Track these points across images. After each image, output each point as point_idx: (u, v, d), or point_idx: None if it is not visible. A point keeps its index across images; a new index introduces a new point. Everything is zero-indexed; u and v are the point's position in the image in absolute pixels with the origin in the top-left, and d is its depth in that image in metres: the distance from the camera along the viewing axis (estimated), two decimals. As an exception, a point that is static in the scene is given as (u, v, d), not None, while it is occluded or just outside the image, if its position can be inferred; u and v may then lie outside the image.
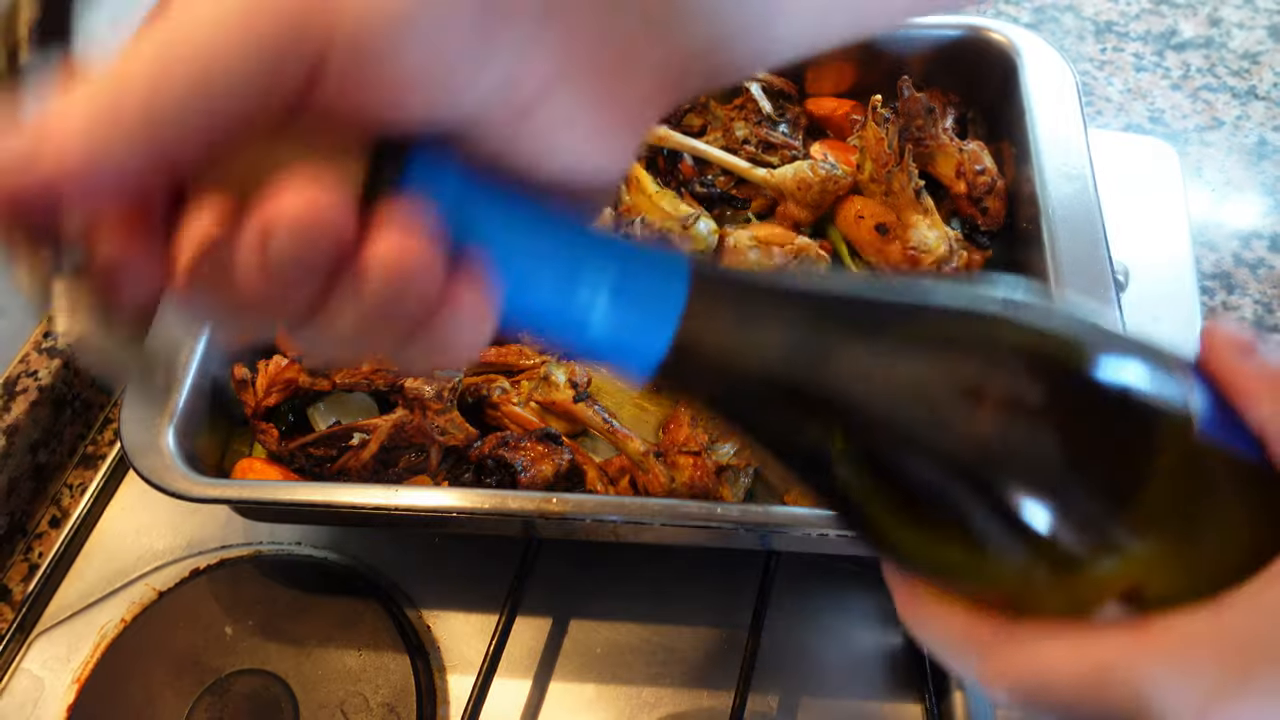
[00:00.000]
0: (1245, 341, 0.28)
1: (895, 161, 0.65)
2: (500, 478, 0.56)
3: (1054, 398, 0.26)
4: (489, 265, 0.24)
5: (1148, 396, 0.26)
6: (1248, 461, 0.27)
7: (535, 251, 0.25)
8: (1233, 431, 0.27)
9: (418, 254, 0.23)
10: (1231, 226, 0.76)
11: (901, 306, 0.27)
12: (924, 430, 0.25)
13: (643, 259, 0.26)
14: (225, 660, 0.58)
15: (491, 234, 0.25)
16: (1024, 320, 0.27)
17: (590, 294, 0.25)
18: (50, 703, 0.57)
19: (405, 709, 0.56)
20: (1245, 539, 0.27)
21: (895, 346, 0.26)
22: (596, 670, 0.57)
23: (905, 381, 0.26)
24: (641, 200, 0.68)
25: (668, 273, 0.26)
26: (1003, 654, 0.26)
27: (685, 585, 0.60)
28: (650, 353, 0.26)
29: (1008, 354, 0.26)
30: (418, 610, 0.60)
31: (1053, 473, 0.25)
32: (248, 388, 0.60)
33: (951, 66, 0.71)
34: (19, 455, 0.64)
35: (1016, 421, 0.25)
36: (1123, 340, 0.27)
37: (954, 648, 0.28)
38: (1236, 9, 0.91)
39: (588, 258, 0.25)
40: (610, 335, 0.25)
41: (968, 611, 0.28)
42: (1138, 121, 0.83)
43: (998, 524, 0.26)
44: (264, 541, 0.63)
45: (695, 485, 0.55)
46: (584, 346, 0.26)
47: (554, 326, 0.26)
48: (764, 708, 0.56)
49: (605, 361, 0.26)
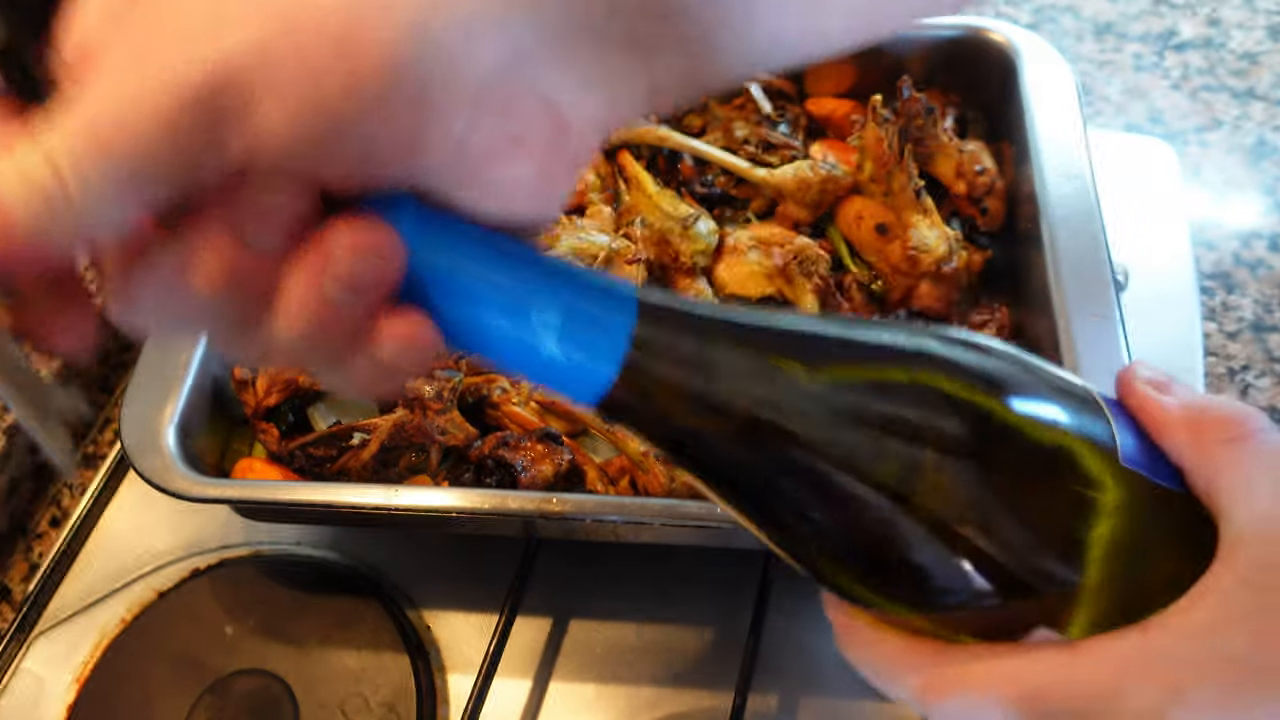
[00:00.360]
0: (1161, 379, 0.30)
1: (895, 162, 0.65)
2: (500, 478, 0.56)
3: (978, 435, 0.26)
4: (434, 288, 0.25)
5: (1071, 430, 0.27)
6: (1168, 490, 0.28)
7: (484, 277, 0.25)
8: (1153, 463, 0.29)
9: (381, 243, 0.23)
10: (1231, 226, 0.76)
11: (841, 342, 0.27)
12: (852, 467, 0.26)
13: (591, 288, 0.26)
14: (225, 660, 0.58)
15: (441, 258, 0.25)
16: (952, 359, 0.27)
17: (538, 321, 0.25)
18: (50, 702, 0.57)
19: (405, 709, 0.56)
20: (1169, 564, 0.28)
21: (831, 384, 0.26)
22: (597, 670, 0.58)
23: (838, 420, 0.26)
24: (641, 200, 0.68)
25: (615, 303, 0.26)
26: (940, 675, 0.27)
27: (685, 585, 0.60)
28: (596, 381, 0.26)
29: (937, 394, 0.27)
30: (418, 610, 0.60)
31: (979, 510, 0.26)
32: (248, 388, 0.60)
33: (951, 67, 0.71)
34: (19, 455, 0.64)
35: (946, 460, 0.26)
36: (1046, 377, 0.28)
37: (891, 671, 0.29)
38: (1235, 9, 0.91)
39: (537, 285, 0.26)
40: (557, 363, 0.26)
41: (904, 640, 0.28)
42: (1137, 122, 0.83)
43: (927, 559, 0.27)
44: (264, 541, 0.63)
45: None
46: (531, 372, 0.26)
47: (501, 351, 0.26)
48: (764, 707, 0.56)
49: (552, 387, 0.27)
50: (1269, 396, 0.68)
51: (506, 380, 0.61)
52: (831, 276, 0.65)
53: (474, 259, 0.25)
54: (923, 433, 0.26)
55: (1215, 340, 0.70)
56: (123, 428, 0.55)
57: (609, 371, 0.26)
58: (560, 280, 0.26)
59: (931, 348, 0.27)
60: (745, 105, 0.72)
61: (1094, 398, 0.29)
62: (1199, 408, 0.29)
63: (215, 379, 0.59)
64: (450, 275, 0.25)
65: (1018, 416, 0.27)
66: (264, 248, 0.23)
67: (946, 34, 0.71)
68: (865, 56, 0.72)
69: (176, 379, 0.56)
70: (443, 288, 0.25)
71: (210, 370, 0.59)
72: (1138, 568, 0.27)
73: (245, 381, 0.60)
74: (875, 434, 0.26)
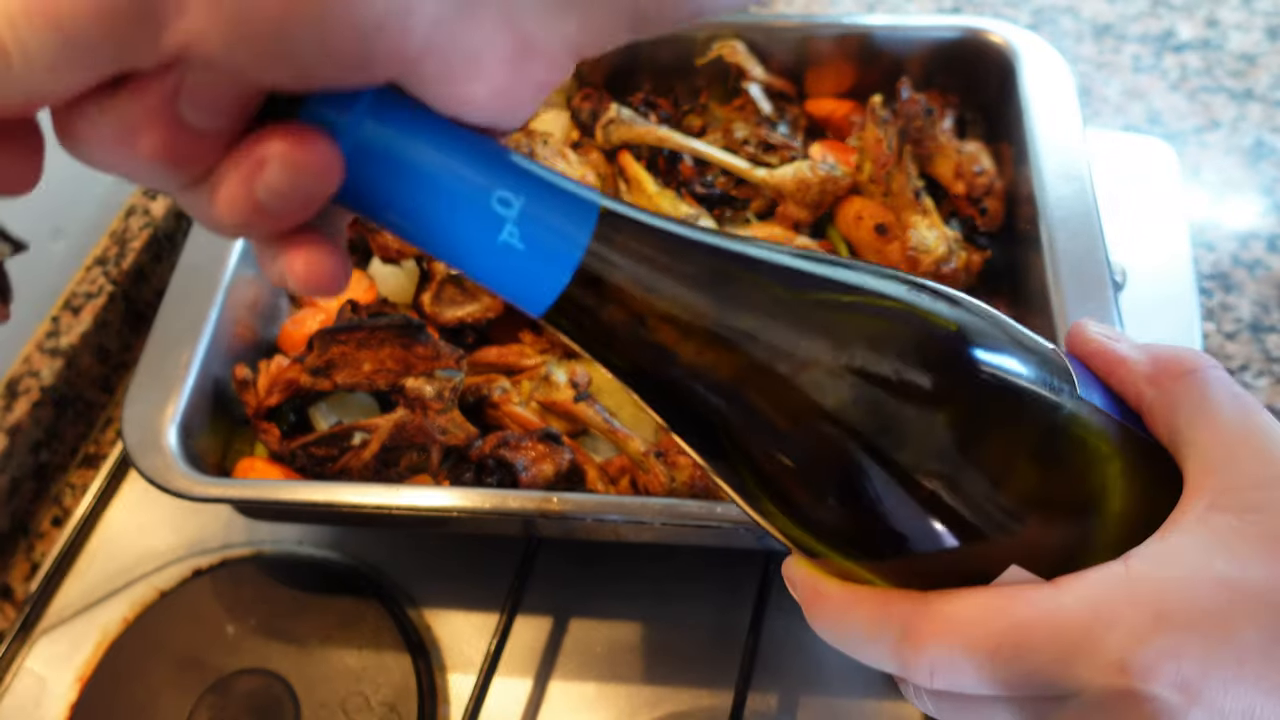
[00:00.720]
0: (1111, 330, 0.31)
1: (894, 162, 0.65)
2: (501, 477, 0.57)
3: (944, 370, 0.26)
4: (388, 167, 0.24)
5: (1035, 372, 0.27)
6: (1131, 430, 0.29)
7: (443, 163, 0.25)
8: (1114, 405, 0.29)
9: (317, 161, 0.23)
10: (1229, 227, 0.77)
11: (804, 273, 0.27)
12: (816, 395, 0.25)
13: (553, 186, 0.25)
14: (227, 660, 0.58)
15: (398, 140, 0.24)
16: (917, 299, 0.27)
17: (496, 213, 0.25)
18: (52, 702, 0.58)
19: (406, 708, 0.56)
20: (1141, 502, 0.28)
21: (794, 312, 0.26)
22: (597, 669, 0.58)
23: (798, 349, 0.25)
24: (642, 201, 0.69)
25: (577, 204, 0.25)
26: (914, 626, 0.26)
27: (685, 584, 0.60)
28: (548, 288, 0.25)
29: (901, 328, 0.26)
30: (418, 609, 0.60)
31: (948, 446, 0.25)
32: (249, 388, 0.60)
33: (950, 67, 0.71)
34: (21, 455, 0.64)
35: (909, 396, 0.25)
36: (1008, 326, 0.28)
37: (865, 631, 0.28)
38: (1233, 11, 0.91)
39: (499, 175, 0.25)
40: (510, 260, 0.25)
41: (876, 594, 0.27)
42: (1136, 123, 0.84)
43: (895, 498, 0.26)
44: (265, 541, 0.63)
45: (695, 485, 0.55)
46: (480, 271, 0.26)
47: (452, 245, 0.25)
48: (763, 706, 0.56)
49: (500, 291, 0.26)
50: (1266, 397, 0.68)
51: (507, 380, 0.61)
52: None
53: (433, 144, 0.25)
54: (891, 365, 0.25)
55: (1213, 340, 0.71)
56: (124, 427, 0.55)
57: (563, 274, 0.25)
58: (522, 173, 0.25)
59: (897, 287, 0.27)
60: (745, 106, 0.72)
61: (1053, 347, 0.29)
62: (1151, 349, 0.30)
63: (217, 379, 0.59)
64: (406, 156, 0.24)
65: (987, 354, 0.26)
66: (203, 128, 0.23)
67: (946, 35, 0.71)
68: (865, 57, 0.72)
69: (178, 379, 0.56)
70: (397, 169, 0.24)
71: (212, 370, 0.59)
72: (1110, 504, 0.27)
73: (246, 382, 0.60)
74: (841, 362, 0.25)
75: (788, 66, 0.73)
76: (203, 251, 0.62)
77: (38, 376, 0.66)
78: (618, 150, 0.71)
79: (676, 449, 0.57)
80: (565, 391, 0.61)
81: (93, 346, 0.69)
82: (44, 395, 0.65)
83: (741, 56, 0.72)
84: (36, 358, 0.67)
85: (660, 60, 0.74)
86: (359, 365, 0.58)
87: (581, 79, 0.76)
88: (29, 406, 0.64)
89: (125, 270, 0.71)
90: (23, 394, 0.65)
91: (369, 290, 0.67)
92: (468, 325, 0.64)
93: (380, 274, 0.68)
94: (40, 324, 0.68)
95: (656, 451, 0.57)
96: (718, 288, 0.26)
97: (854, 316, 0.26)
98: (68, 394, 0.68)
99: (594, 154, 0.72)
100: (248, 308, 0.63)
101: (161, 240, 0.74)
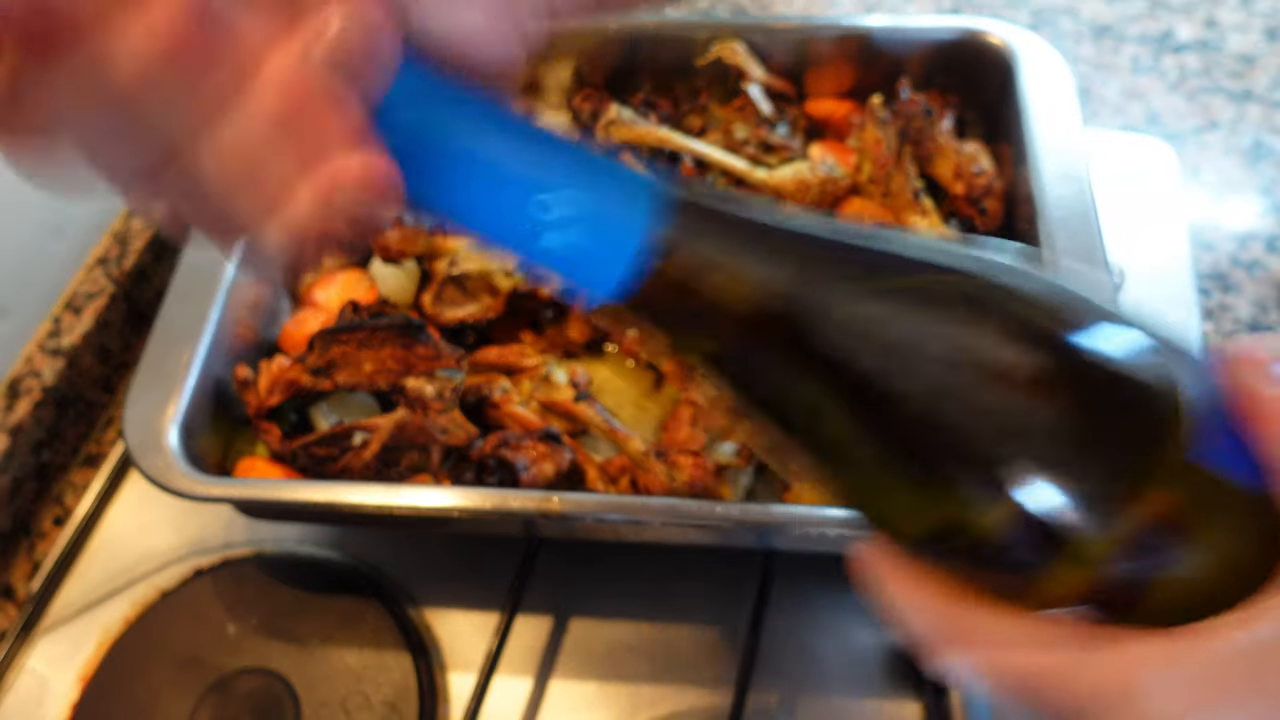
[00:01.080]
0: (1269, 359, 0.26)
1: (894, 163, 0.65)
2: (501, 477, 0.57)
3: (1065, 376, 0.24)
4: (449, 151, 0.24)
5: (1165, 397, 0.25)
6: (1246, 482, 0.26)
7: (506, 150, 0.24)
8: (1236, 448, 0.26)
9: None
10: (1228, 227, 0.77)
11: (907, 260, 0.25)
12: (924, 392, 0.24)
13: (624, 174, 0.25)
14: (228, 659, 0.58)
15: (461, 122, 0.24)
16: (1035, 295, 0.25)
17: (566, 202, 0.24)
18: (54, 701, 0.58)
19: (407, 707, 0.56)
20: (1227, 565, 0.25)
21: (899, 302, 0.25)
22: (597, 668, 0.58)
23: (911, 341, 0.24)
24: (642, 201, 0.69)
25: (647, 193, 0.25)
26: (952, 628, 0.26)
27: (685, 584, 0.60)
28: (614, 276, 0.25)
29: (1027, 327, 0.25)
30: (419, 609, 0.60)
31: (1045, 457, 0.24)
32: (250, 388, 0.60)
33: (950, 68, 0.71)
34: (23, 455, 0.64)
35: (1029, 398, 0.24)
36: (1151, 337, 0.26)
37: (906, 605, 0.27)
38: (1232, 11, 0.91)
39: (567, 161, 0.25)
40: (578, 249, 0.24)
41: (928, 576, 0.27)
42: (1135, 123, 0.84)
43: (981, 493, 0.24)
44: (266, 541, 0.63)
45: (695, 484, 0.55)
46: (547, 257, 0.25)
47: (516, 230, 0.25)
48: (764, 705, 0.56)
49: (561, 277, 0.25)
50: (1266, 396, 0.68)
51: (508, 380, 0.62)
52: (831, 277, 0.65)
53: (496, 126, 0.24)
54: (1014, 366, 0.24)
55: (1212, 341, 0.71)
56: (125, 427, 0.55)
57: (635, 263, 0.24)
58: (592, 162, 0.25)
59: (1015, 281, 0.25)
60: (745, 106, 0.72)
61: (1193, 361, 0.26)
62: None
63: (218, 379, 0.59)
64: (469, 138, 0.24)
65: (1094, 349, 0.24)
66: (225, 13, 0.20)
67: (945, 35, 0.71)
68: (864, 58, 0.73)
69: (179, 379, 0.57)
70: (460, 151, 0.24)
71: (213, 370, 0.59)
72: (1188, 558, 0.25)
73: (247, 381, 0.60)
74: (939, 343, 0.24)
75: (787, 67, 0.74)
76: (204, 251, 0.62)
77: (39, 376, 0.66)
78: (618, 151, 0.71)
79: (676, 448, 0.57)
80: (565, 391, 0.61)
81: (94, 346, 0.69)
82: (45, 395, 0.66)
83: (741, 57, 0.72)
84: (38, 358, 0.67)
85: (660, 61, 0.74)
86: (360, 365, 0.58)
87: (582, 79, 0.76)
88: (31, 406, 0.65)
89: (127, 270, 0.72)
90: (24, 394, 0.65)
91: (369, 290, 0.67)
92: (468, 325, 0.64)
93: (381, 274, 0.68)
94: (42, 324, 0.68)
95: (656, 451, 0.57)
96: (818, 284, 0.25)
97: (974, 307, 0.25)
98: (69, 394, 0.68)
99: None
100: (249, 308, 0.63)
101: (163, 240, 0.75)
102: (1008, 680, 0.25)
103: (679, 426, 0.57)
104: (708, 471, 0.56)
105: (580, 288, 0.25)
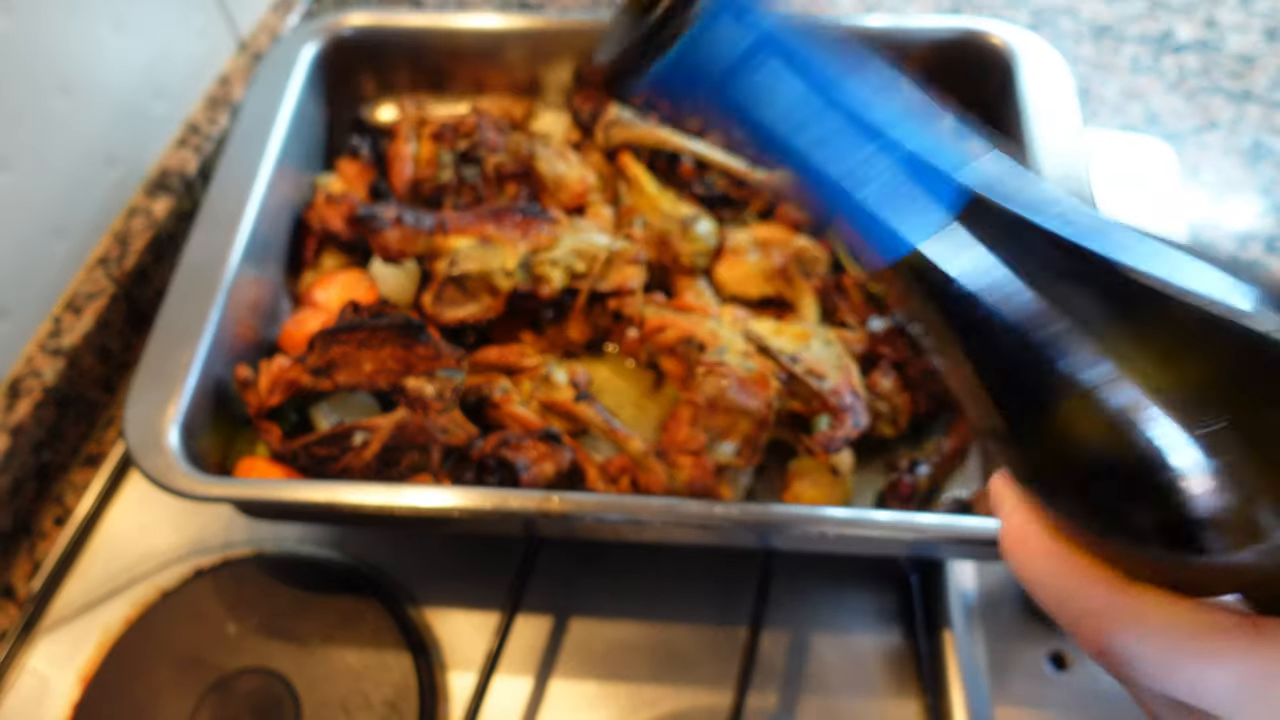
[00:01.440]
0: None
1: (894, 163, 0.65)
2: (502, 477, 0.57)
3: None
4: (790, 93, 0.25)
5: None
6: None
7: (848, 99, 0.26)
8: None
9: None
10: (1227, 227, 0.77)
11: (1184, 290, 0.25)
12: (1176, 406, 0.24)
13: (942, 148, 0.26)
14: (228, 659, 0.58)
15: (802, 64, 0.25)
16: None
17: (881, 159, 0.25)
18: (55, 701, 0.58)
19: (407, 707, 0.56)
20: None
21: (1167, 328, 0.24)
22: (597, 668, 0.58)
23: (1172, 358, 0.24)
24: (642, 201, 0.69)
25: (959, 170, 0.26)
26: (1112, 619, 0.26)
27: (685, 584, 0.60)
28: (903, 241, 0.26)
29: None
30: (419, 609, 0.60)
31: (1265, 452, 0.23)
32: (251, 387, 0.60)
33: (950, 67, 0.71)
34: (23, 455, 0.64)
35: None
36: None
37: (1065, 586, 0.27)
38: (1231, 12, 0.91)
39: (892, 122, 0.26)
40: (879, 206, 0.25)
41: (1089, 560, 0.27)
42: (1134, 123, 0.84)
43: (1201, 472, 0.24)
44: (266, 541, 0.63)
45: (695, 484, 0.55)
46: (849, 208, 0.26)
47: (831, 180, 0.26)
48: (763, 705, 0.56)
49: (855, 230, 0.26)
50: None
51: (508, 380, 0.62)
52: (831, 277, 0.66)
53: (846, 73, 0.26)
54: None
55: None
56: (126, 427, 0.55)
57: (924, 233, 0.25)
58: (918, 126, 0.26)
59: None
60: (745, 107, 0.72)
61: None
62: None
63: (218, 379, 0.59)
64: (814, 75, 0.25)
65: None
66: None
67: (945, 35, 0.71)
68: (864, 58, 0.73)
69: (180, 379, 0.57)
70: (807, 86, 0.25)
71: (213, 370, 0.59)
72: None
73: (248, 381, 0.60)
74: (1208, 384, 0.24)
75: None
76: (204, 251, 0.62)
77: (40, 376, 0.66)
78: (618, 151, 0.71)
79: (676, 448, 0.57)
80: (565, 391, 0.61)
81: (94, 346, 0.69)
82: (46, 395, 0.66)
83: (741, 57, 0.72)
84: (39, 358, 0.67)
85: (660, 61, 0.74)
86: (360, 365, 0.58)
87: (582, 79, 0.76)
88: (31, 406, 0.65)
89: (127, 270, 0.72)
90: (25, 394, 0.65)
91: (369, 290, 0.67)
92: (468, 325, 0.64)
93: (381, 274, 0.68)
94: (42, 324, 0.68)
95: (656, 451, 0.57)
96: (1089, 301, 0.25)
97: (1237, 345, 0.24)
98: (70, 394, 0.68)
99: (594, 155, 0.72)
100: (249, 308, 0.63)
101: (163, 240, 0.75)
102: (1171, 666, 0.25)
103: (679, 426, 0.57)
104: (708, 471, 0.56)
105: (861, 243, 0.26)
